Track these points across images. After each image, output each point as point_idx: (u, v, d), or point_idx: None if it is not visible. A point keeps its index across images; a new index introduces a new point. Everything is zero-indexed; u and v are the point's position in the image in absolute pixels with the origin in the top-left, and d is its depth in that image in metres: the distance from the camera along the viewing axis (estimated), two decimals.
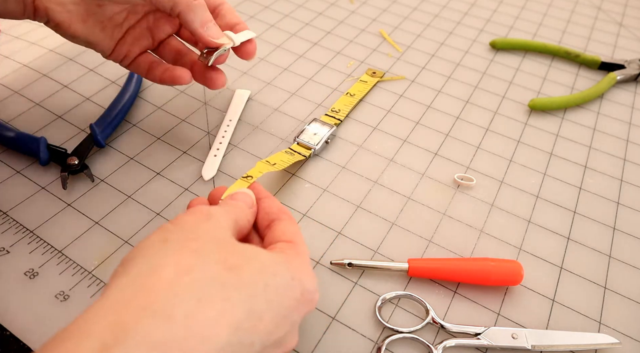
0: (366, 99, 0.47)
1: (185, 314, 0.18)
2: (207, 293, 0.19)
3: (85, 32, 0.33)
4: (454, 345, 0.30)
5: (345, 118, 0.45)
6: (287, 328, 0.22)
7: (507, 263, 0.33)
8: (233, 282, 0.20)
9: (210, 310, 0.19)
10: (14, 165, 0.37)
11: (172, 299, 0.18)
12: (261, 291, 0.21)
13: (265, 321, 0.20)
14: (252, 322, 0.20)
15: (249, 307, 0.20)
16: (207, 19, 0.32)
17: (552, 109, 0.48)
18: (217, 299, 0.19)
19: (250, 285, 0.20)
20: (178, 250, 0.21)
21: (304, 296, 0.23)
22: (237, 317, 0.19)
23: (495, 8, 0.62)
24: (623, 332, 0.32)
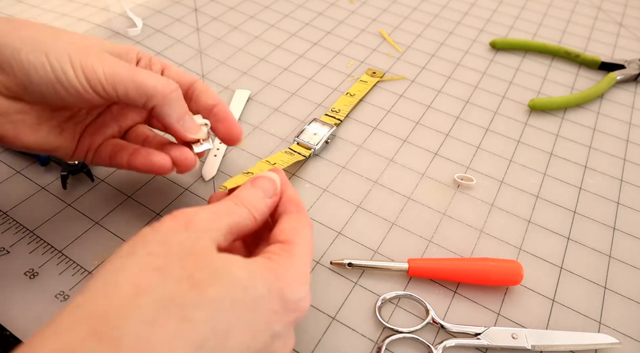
0: (366, 99, 0.47)
1: (135, 337, 0.17)
2: (163, 314, 0.18)
3: (38, 141, 0.28)
4: (454, 345, 0.30)
5: (345, 118, 0.45)
6: (265, 339, 0.21)
7: (507, 263, 0.33)
8: (194, 300, 0.19)
9: (164, 331, 0.18)
10: (14, 165, 0.37)
11: (122, 322, 0.17)
12: (228, 307, 0.20)
13: (235, 337, 0.20)
14: (218, 340, 0.19)
15: (213, 325, 0.19)
16: (184, 111, 0.29)
17: (552, 109, 0.48)
18: (173, 320, 0.18)
19: (214, 301, 0.19)
20: (140, 267, 0.20)
21: (285, 306, 0.22)
22: (198, 336, 0.18)
23: (495, 8, 0.62)
24: (623, 332, 0.32)
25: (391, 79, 0.49)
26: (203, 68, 0.48)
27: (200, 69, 0.48)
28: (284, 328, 0.22)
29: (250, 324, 0.20)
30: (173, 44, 0.51)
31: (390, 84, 0.49)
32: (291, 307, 0.22)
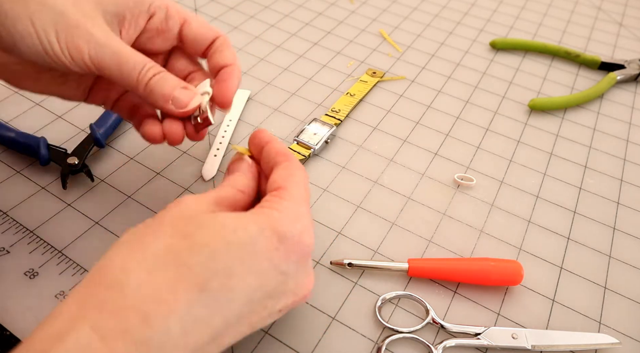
0: (366, 99, 0.47)
1: (137, 284, 0.19)
2: (160, 263, 0.20)
3: (41, 89, 0.29)
4: (454, 345, 0.30)
5: (345, 118, 0.45)
6: (275, 278, 0.22)
7: (507, 263, 0.33)
8: (186, 247, 0.20)
9: (164, 277, 0.19)
10: (14, 165, 0.37)
11: (124, 274, 0.19)
12: (223, 249, 0.21)
13: (239, 277, 0.21)
14: (221, 280, 0.20)
15: (211, 267, 0.20)
16: (169, 91, 0.27)
17: (552, 109, 0.48)
18: (171, 267, 0.20)
19: (207, 245, 0.21)
20: (135, 235, 0.21)
21: (284, 243, 0.22)
22: (198, 278, 0.20)
23: (495, 8, 0.62)
24: (623, 332, 0.32)
25: (391, 79, 0.49)
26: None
27: None
28: (294, 267, 0.23)
29: (251, 264, 0.21)
30: None
31: (390, 84, 0.49)
32: (292, 243, 0.23)
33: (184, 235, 0.21)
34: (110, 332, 0.17)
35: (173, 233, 0.21)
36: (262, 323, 0.24)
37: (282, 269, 0.22)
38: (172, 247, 0.20)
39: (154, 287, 0.19)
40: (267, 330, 0.30)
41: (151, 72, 0.27)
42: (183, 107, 0.28)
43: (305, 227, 0.24)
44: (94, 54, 0.25)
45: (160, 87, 0.27)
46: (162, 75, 0.27)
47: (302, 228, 0.23)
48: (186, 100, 0.28)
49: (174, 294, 0.19)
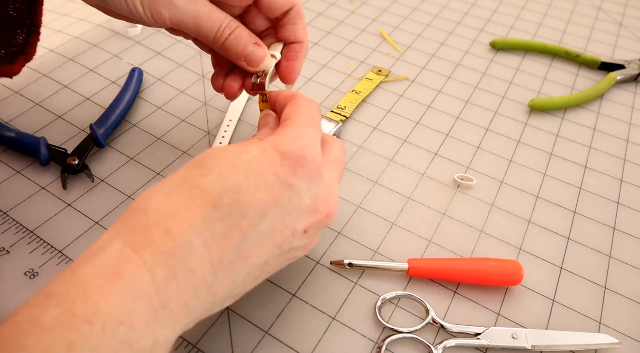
0: (366, 99, 0.47)
1: (158, 206, 0.21)
2: (176, 188, 0.22)
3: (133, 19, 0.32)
4: (454, 345, 0.30)
5: (345, 118, 0.45)
6: (287, 192, 0.23)
7: (507, 263, 0.33)
8: (198, 174, 0.22)
9: (179, 198, 0.21)
10: (14, 165, 0.37)
11: (146, 201, 0.21)
12: (228, 170, 0.22)
13: (248, 193, 0.22)
14: (231, 196, 0.22)
15: (220, 186, 0.22)
16: (242, 48, 0.31)
17: (552, 109, 0.48)
18: (185, 190, 0.22)
19: (214, 169, 0.22)
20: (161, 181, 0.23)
21: (288, 158, 0.24)
22: (209, 196, 0.21)
23: (495, 8, 0.62)
24: (623, 332, 0.32)
25: (395, 80, 0.49)
26: (203, 68, 0.48)
27: (200, 69, 0.48)
28: (303, 181, 0.24)
29: (257, 179, 0.23)
30: (173, 44, 0.51)
31: (390, 84, 0.49)
32: (295, 158, 0.24)
33: (197, 166, 0.23)
34: (139, 244, 0.20)
35: (189, 167, 0.23)
36: (289, 243, 0.25)
37: (289, 182, 0.24)
38: (187, 175, 0.22)
39: (172, 206, 0.21)
40: (267, 330, 0.30)
41: (227, 31, 0.30)
42: (254, 66, 0.31)
43: (308, 143, 0.25)
44: (174, 17, 0.29)
45: (234, 45, 0.30)
46: (236, 32, 0.30)
47: (304, 144, 0.25)
48: (257, 60, 0.31)
49: (191, 211, 0.21)
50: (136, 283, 0.19)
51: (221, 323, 0.30)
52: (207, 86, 0.46)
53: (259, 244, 0.23)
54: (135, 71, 0.45)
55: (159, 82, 0.46)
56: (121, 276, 0.19)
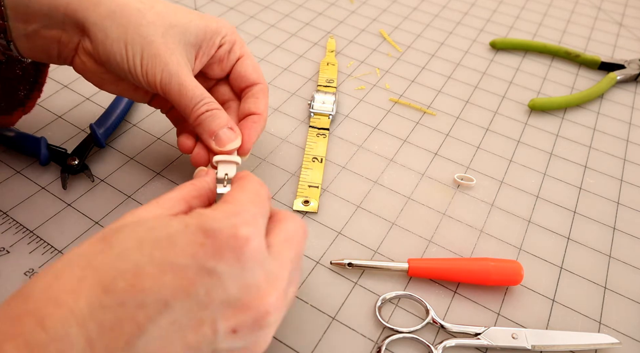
0: (366, 99, 0.47)
1: (39, 290, 0.18)
2: (69, 266, 0.19)
3: (117, 91, 0.34)
4: (454, 345, 0.30)
5: (345, 118, 0.45)
6: (206, 279, 0.19)
7: (507, 263, 0.33)
8: (100, 250, 0.19)
9: (67, 279, 0.18)
10: (14, 165, 0.37)
11: (31, 284, 0.18)
12: (133, 248, 0.19)
13: (148, 277, 0.18)
14: (128, 280, 0.18)
15: (117, 267, 0.18)
16: (215, 128, 0.31)
17: (552, 109, 0.48)
18: (77, 269, 0.19)
19: (117, 246, 0.19)
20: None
21: (213, 237, 0.20)
22: (102, 278, 0.18)
23: (495, 8, 0.62)
24: (623, 332, 0.32)
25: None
26: None
27: None
28: (230, 267, 0.20)
29: (166, 262, 0.19)
30: None
31: (390, 84, 0.49)
32: (223, 237, 0.20)
33: (101, 239, 0.20)
34: (5, 335, 0.17)
35: (94, 239, 0.20)
36: (210, 345, 0.20)
37: (209, 267, 0.19)
38: (87, 250, 0.19)
39: (56, 290, 0.18)
40: None
41: (204, 107, 0.31)
42: (222, 146, 0.31)
43: (244, 221, 0.21)
44: (164, 81, 0.30)
45: (208, 123, 0.31)
46: (213, 112, 0.31)
47: (238, 222, 0.20)
48: (227, 141, 0.31)
49: (75, 296, 0.18)
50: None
51: None
52: None
53: (163, 343, 0.18)
54: None
55: None
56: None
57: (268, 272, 0.21)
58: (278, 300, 0.21)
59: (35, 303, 0.18)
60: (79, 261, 0.19)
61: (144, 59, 0.29)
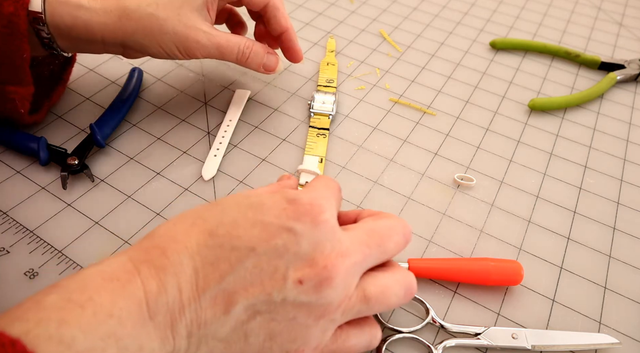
0: (366, 99, 0.47)
1: (161, 232, 0.24)
2: (183, 218, 0.24)
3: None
4: (454, 345, 0.30)
5: (345, 118, 0.45)
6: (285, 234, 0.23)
7: (507, 263, 0.33)
8: (209, 208, 0.25)
9: (182, 226, 0.24)
10: (14, 165, 0.37)
11: (156, 229, 0.24)
12: (231, 207, 0.24)
13: (243, 227, 0.23)
14: (227, 228, 0.23)
15: (220, 219, 0.23)
16: (260, 60, 0.39)
17: (552, 109, 0.48)
18: (190, 219, 0.24)
19: (221, 205, 0.25)
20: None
21: (294, 204, 0.24)
22: (208, 226, 0.23)
23: (495, 8, 0.62)
24: (623, 332, 0.32)
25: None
26: (203, 68, 0.48)
27: (200, 69, 0.48)
28: (306, 228, 0.23)
29: (256, 218, 0.23)
30: None
31: (390, 84, 0.49)
32: (301, 204, 0.24)
33: (212, 203, 0.25)
34: (138, 260, 0.22)
35: (206, 204, 0.25)
36: (280, 292, 0.22)
37: (289, 226, 0.23)
38: (199, 209, 0.25)
39: (174, 232, 0.23)
40: None
41: (246, 52, 0.38)
42: (272, 70, 0.40)
43: (320, 196, 0.25)
44: (203, 52, 0.37)
45: (253, 60, 0.39)
46: (253, 49, 0.38)
47: (315, 196, 0.25)
48: (273, 66, 0.40)
49: (188, 236, 0.23)
50: (129, 287, 0.21)
51: None
52: (207, 86, 0.46)
53: (245, 282, 0.22)
54: (135, 71, 0.45)
55: (159, 82, 0.46)
56: (118, 279, 0.21)
57: (337, 241, 0.24)
58: (344, 272, 0.23)
59: (159, 240, 0.23)
60: (192, 214, 0.24)
61: (179, 47, 0.36)
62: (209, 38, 0.36)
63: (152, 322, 0.21)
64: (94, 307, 0.19)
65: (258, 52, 0.39)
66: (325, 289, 0.23)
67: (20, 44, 0.32)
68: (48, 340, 0.18)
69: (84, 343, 0.18)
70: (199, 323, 0.22)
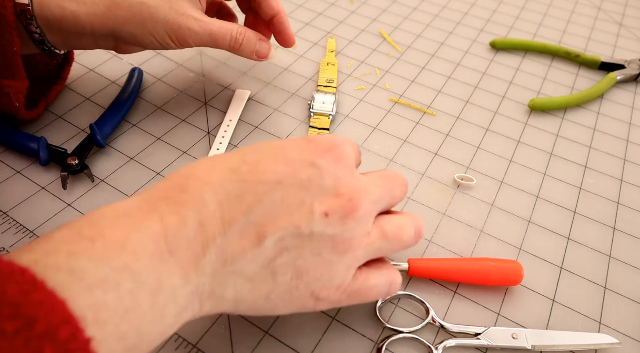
0: (366, 99, 0.47)
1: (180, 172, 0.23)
2: (205, 159, 0.24)
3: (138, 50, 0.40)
4: (454, 345, 0.30)
5: (345, 118, 0.45)
6: (308, 169, 0.24)
7: (507, 263, 0.33)
8: (231, 153, 0.25)
9: (204, 166, 0.24)
10: (14, 165, 0.37)
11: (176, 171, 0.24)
12: (255, 148, 0.25)
13: (266, 163, 0.24)
14: (249, 166, 0.23)
15: (243, 158, 0.24)
16: (252, 47, 0.39)
17: (552, 109, 0.48)
18: (210, 161, 0.24)
19: (240, 150, 0.25)
20: None
21: (315, 142, 0.25)
22: (231, 164, 0.24)
23: (495, 8, 0.62)
24: (623, 332, 0.32)
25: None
26: (203, 68, 0.48)
27: (200, 69, 0.48)
28: (329, 164, 0.24)
29: (278, 156, 0.24)
30: None
31: (390, 84, 0.49)
32: (323, 142, 0.25)
33: (235, 149, 0.26)
34: (155, 198, 0.22)
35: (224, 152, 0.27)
36: (308, 225, 0.23)
37: (312, 160, 0.24)
38: (221, 154, 0.25)
39: (194, 170, 0.23)
40: (267, 330, 0.30)
41: (239, 38, 0.38)
42: (264, 57, 0.40)
43: (341, 140, 0.26)
44: (196, 40, 0.36)
45: (245, 47, 0.38)
46: (245, 36, 0.38)
47: (334, 136, 0.26)
48: (265, 52, 0.40)
49: (209, 173, 0.23)
50: (145, 223, 0.20)
51: (221, 323, 0.30)
52: (207, 86, 0.46)
53: (273, 215, 0.22)
54: (135, 71, 0.45)
55: (159, 82, 0.46)
56: (131, 216, 0.21)
57: (357, 179, 0.25)
58: (365, 207, 0.24)
59: (178, 179, 0.23)
60: (213, 158, 0.24)
61: (171, 36, 0.35)
62: (201, 25, 0.36)
63: (172, 258, 0.20)
64: (104, 241, 0.19)
65: (250, 38, 0.38)
66: (350, 221, 0.24)
67: (9, 36, 0.32)
68: (57, 270, 0.17)
69: (95, 275, 0.18)
70: (224, 260, 0.22)
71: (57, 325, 0.16)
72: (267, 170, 0.23)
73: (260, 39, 0.39)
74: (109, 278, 0.18)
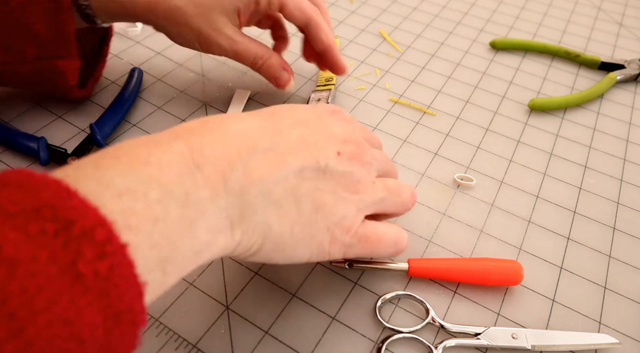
0: (366, 99, 0.47)
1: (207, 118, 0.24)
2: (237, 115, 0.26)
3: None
4: (454, 345, 0.30)
5: None
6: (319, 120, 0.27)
7: (507, 263, 0.33)
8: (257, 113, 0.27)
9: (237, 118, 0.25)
10: (14, 165, 0.37)
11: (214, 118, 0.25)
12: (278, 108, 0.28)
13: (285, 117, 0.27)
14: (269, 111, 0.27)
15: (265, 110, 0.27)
16: (273, 73, 0.41)
17: (552, 109, 0.48)
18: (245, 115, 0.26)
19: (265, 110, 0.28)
20: None
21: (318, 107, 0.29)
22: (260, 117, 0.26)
23: (495, 8, 0.62)
24: (623, 332, 0.32)
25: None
26: (203, 68, 0.48)
27: (200, 69, 0.48)
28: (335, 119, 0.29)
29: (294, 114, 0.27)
30: (173, 44, 0.50)
31: (390, 84, 0.49)
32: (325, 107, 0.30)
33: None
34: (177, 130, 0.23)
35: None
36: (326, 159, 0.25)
37: (322, 115, 0.28)
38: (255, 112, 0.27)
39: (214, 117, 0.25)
40: (267, 330, 0.30)
41: (260, 61, 0.40)
42: (282, 86, 0.42)
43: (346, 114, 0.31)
44: (221, 53, 0.39)
45: (266, 71, 0.41)
46: (266, 62, 0.40)
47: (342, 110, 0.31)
48: (284, 83, 0.42)
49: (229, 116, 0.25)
50: (168, 142, 0.21)
51: (221, 323, 0.30)
52: (207, 86, 0.46)
53: (294, 148, 0.25)
54: (135, 71, 0.45)
55: (159, 82, 0.46)
56: (154, 140, 0.21)
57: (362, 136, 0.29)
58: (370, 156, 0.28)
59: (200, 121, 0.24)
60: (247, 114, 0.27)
61: (200, 42, 0.38)
62: (230, 44, 0.38)
63: (198, 171, 0.21)
64: (128, 156, 0.20)
65: (271, 65, 0.40)
66: (357, 164, 0.27)
67: (65, 17, 0.33)
68: (87, 180, 0.18)
69: (123, 184, 0.18)
70: (251, 179, 0.23)
71: (93, 228, 0.16)
72: (285, 120, 0.26)
73: (284, 68, 0.41)
74: (137, 188, 0.19)
